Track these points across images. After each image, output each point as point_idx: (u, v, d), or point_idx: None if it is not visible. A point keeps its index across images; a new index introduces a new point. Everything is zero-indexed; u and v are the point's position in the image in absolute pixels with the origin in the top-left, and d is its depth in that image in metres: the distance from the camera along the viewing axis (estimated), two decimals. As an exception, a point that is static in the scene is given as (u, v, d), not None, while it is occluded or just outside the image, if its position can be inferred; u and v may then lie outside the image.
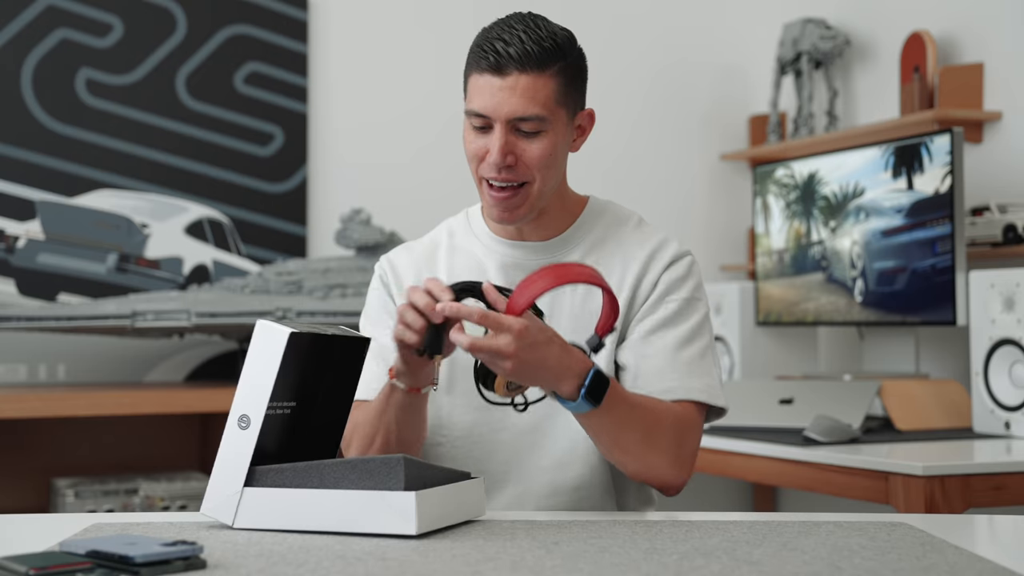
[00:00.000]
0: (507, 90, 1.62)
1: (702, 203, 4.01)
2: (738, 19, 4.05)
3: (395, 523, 1.33)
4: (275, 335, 1.41)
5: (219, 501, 1.40)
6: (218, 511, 1.40)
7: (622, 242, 1.74)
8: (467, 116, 1.67)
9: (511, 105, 1.62)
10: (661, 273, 1.71)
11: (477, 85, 1.65)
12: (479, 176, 1.68)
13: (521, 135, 1.64)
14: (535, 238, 1.74)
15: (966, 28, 3.19)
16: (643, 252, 1.73)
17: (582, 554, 1.26)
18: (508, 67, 1.61)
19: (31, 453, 3.28)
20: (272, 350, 1.41)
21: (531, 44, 1.62)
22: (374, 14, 3.72)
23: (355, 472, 1.36)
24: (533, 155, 1.64)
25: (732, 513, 1.58)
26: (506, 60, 1.61)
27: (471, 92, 1.66)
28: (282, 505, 1.38)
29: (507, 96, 1.62)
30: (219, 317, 3.19)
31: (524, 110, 1.62)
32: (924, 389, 2.87)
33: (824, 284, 3.22)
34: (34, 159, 3.36)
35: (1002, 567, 1.19)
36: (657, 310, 1.70)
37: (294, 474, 1.39)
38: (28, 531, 1.46)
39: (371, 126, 3.70)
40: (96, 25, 3.43)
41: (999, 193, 3.04)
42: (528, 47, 1.62)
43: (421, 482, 1.36)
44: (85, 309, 3.18)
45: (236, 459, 1.40)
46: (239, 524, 1.40)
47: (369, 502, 1.34)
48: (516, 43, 1.62)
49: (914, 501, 2.27)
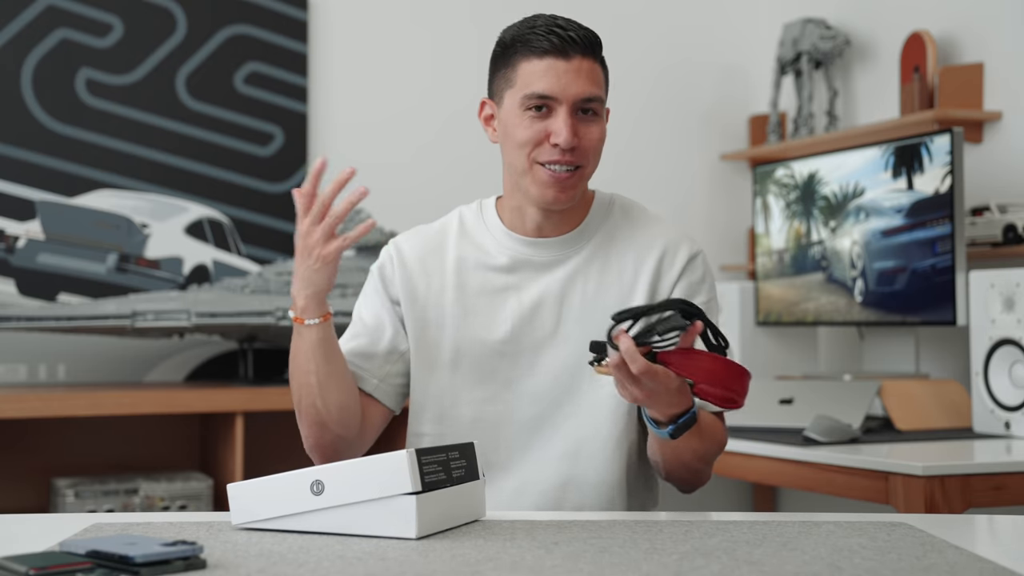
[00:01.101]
0: (573, 72, 1.65)
1: (702, 203, 4.01)
2: (738, 19, 4.05)
3: (396, 527, 1.33)
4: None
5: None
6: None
7: (633, 236, 1.75)
8: (523, 101, 1.66)
9: (579, 86, 1.65)
10: (678, 278, 1.73)
11: (536, 69, 1.65)
12: (531, 160, 1.68)
13: (582, 118, 1.67)
14: (552, 233, 1.74)
15: (966, 28, 3.19)
16: (655, 251, 1.74)
17: (582, 554, 1.26)
18: (572, 50, 1.65)
19: (31, 453, 3.28)
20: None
21: (586, 31, 1.67)
22: (374, 14, 3.72)
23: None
24: (592, 138, 1.68)
25: (732, 513, 1.58)
26: (570, 43, 1.65)
27: (528, 77, 1.66)
28: (278, 504, 1.39)
29: (574, 77, 1.65)
30: (219, 317, 3.19)
31: (590, 91, 1.66)
32: (924, 389, 2.87)
33: (824, 284, 3.22)
34: (34, 159, 3.36)
35: (1002, 567, 1.19)
36: None
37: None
38: (28, 531, 1.46)
39: (371, 125, 3.70)
40: (96, 25, 3.43)
41: (999, 193, 3.04)
42: (585, 32, 1.67)
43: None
44: (85, 309, 3.18)
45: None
46: (236, 521, 1.41)
47: (370, 506, 1.34)
48: (574, 28, 1.66)
49: (914, 501, 2.27)
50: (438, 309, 1.74)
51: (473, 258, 1.75)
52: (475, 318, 1.72)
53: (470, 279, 1.74)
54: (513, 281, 1.73)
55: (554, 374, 1.70)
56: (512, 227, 1.75)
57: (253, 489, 1.41)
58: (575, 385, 1.70)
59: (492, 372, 1.71)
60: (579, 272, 1.73)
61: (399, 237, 1.83)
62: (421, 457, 1.35)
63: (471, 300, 1.73)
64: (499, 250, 1.75)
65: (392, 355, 1.75)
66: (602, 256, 1.73)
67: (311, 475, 1.37)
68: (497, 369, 1.71)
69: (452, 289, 1.74)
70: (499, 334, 1.71)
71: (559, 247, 1.74)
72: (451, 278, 1.75)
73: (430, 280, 1.76)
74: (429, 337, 1.74)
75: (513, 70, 1.67)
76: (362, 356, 1.76)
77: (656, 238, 1.75)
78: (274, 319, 3.21)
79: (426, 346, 1.74)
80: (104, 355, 3.40)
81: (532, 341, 1.71)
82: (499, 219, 1.77)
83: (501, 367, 1.71)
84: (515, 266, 1.74)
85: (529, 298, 1.72)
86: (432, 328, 1.74)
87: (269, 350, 3.54)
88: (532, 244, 1.74)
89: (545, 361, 1.70)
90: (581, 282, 1.72)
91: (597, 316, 1.69)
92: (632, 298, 1.71)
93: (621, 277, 1.72)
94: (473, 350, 1.72)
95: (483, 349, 1.71)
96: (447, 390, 1.73)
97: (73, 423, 3.28)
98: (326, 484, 1.36)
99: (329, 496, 1.36)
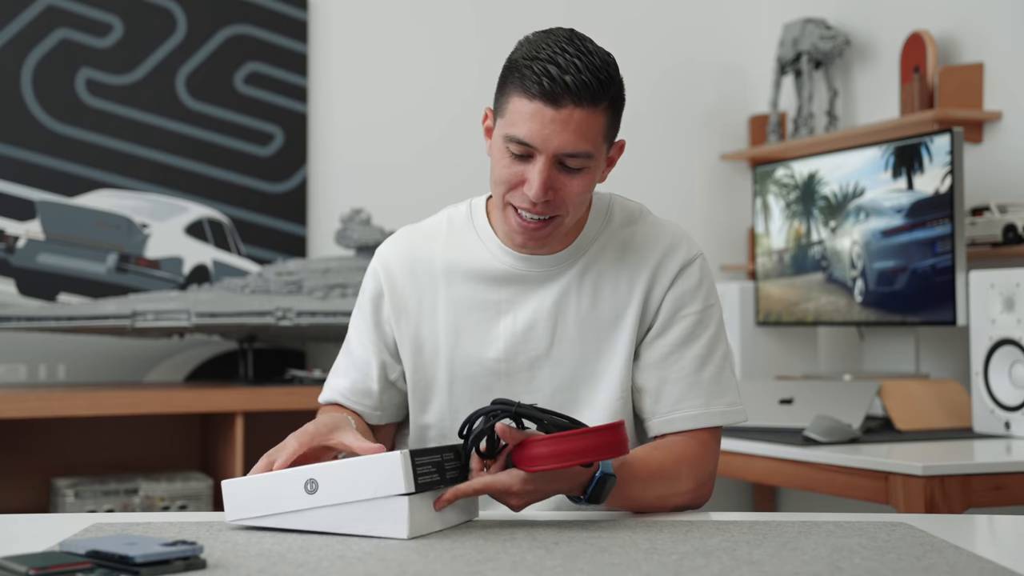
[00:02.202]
0: (559, 123, 1.50)
1: (702, 203, 4.01)
2: (738, 19, 4.05)
3: (388, 527, 1.34)
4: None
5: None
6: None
7: (630, 245, 1.68)
8: (506, 139, 1.54)
9: (562, 140, 1.51)
10: (669, 287, 1.67)
11: (524, 111, 1.51)
12: (505, 201, 1.58)
13: (563, 170, 1.54)
14: (543, 252, 1.67)
15: (966, 28, 3.19)
16: (652, 259, 1.67)
17: (582, 554, 1.26)
18: (563, 98, 1.49)
19: (31, 453, 3.28)
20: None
21: (588, 75, 1.49)
22: (374, 14, 3.72)
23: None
24: (572, 191, 1.55)
25: (732, 513, 1.58)
26: (562, 91, 1.49)
27: (514, 116, 1.53)
28: (272, 502, 1.39)
29: (559, 129, 1.50)
30: (219, 317, 3.19)
31: (575, 146, 1.52)
32: (924, 389, 2.87)
33: (824, 284, 3.22)
34: (34, 159, 3.36)
35: (1002, 567, 1.19)
36: (672, 328, 1.66)
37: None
38: (28, 531, 1.46)
39: (371, 126, 3.70)
40: (96, 25, 3.43)
41: (999, 193, 3.04)
42: (586, 78, 1.49)
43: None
44: (85, 309, 3.17)
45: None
46: (230, 518, 1.42)
47: (363, 506, 1.34)
48: (572, 71, 1.49)
49: (914, 501, 2.27)
50: (431, 326, 1.70)
51: (463, 267, 1.69)
52: (469, 338, 1.68)
53: (461, 291, 1.69)
54: (505, 296, 1.68)
55: (550, 391, 1.67)
56: (503, 237, 1.68)
57: (247, 486, 1.41)
58: (572, 401, 1.67)
59: (488, 391, 1.68)
60: (572, 287, 1.67)
61: (385, 248, 1.76)
62: (415, 458, 1.35)
63: (463, 316, 1.69)
64: (490, 261, 1.69)
65: (384, 384, 1.73)
66: (597, 270, 1.67)
67: (305, 474, 1.38)
68: (493, 388, 1.68)
69: (444, 303, 1.70)
70: (493, 353, 1.67)
71: (552, 263, 1.67)
72: (442, 290, 1.70)
73: (421, 297, 1.71)
74: (424, 358, 1.71)
75: (506, 100, 1.55)
76: (360, 393, 1.73)
77: (653, 246, 1.68)
78: (274, 319, 3.21)
79: (422, 367, 1.71)
80: (104, 355, 3.40)
81: (527, 360, 1.67)
82: (490, 226, 1.70)
83: (497, 386, 1.68)
84: (507, 280, 1.68)
85: (523, 315, 1.67)
86: (427, 350, 1.70)
87: (269, 350, 3.55)
88: (525, 260, 1.67)
89: (541, 379, 1.67)
90: (575, 298, 1.67)
91: (590, 332, 1.66)
92: (626, 312, 1.66)
93: (616, 291, 1.67)
94: (468, 371, 1.68)
95: (478, 369, 1.68)
96: (446, 414, 1.70)
97: (73, 423, 3.28)
98: (320, 483, 1.37)
99: (323, 495, 1.36)
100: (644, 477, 1.55)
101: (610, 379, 1.66)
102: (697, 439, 1.64)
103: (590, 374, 1.67)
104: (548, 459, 1.39)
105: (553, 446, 1.39)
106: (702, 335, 1.67)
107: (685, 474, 1.60)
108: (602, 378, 1.66)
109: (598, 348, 1.67)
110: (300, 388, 3.12)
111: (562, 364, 1.67)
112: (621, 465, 1.50)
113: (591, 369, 1.67)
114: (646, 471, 1.55)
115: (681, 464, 1.60)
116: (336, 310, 3.23)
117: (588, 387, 1.67)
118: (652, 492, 1.56)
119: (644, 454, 1.59)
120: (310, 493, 1.37)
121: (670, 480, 1.58)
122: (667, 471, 1.58)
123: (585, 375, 1.67)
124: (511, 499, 1.44)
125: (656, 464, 1.58)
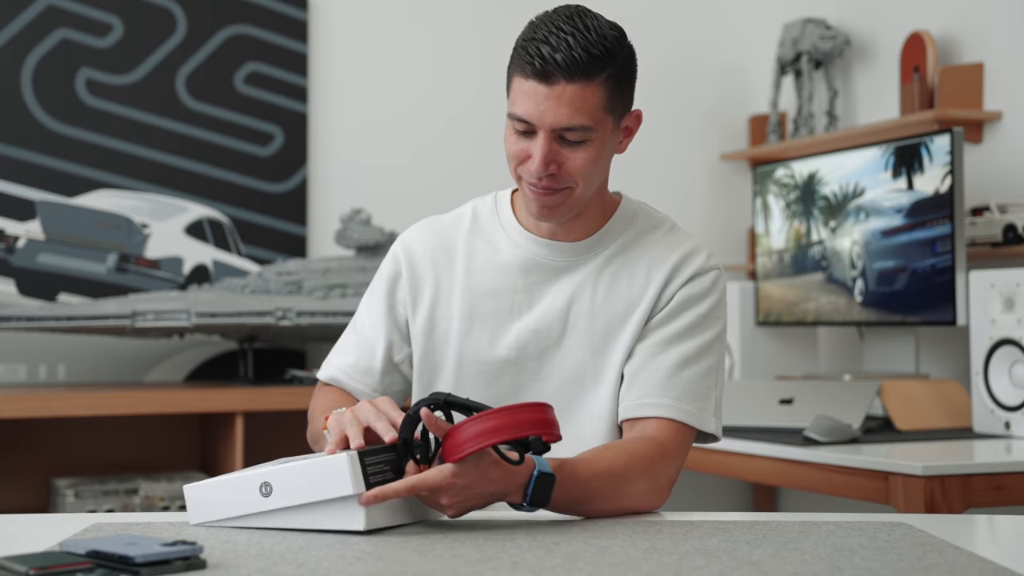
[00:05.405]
0: (553, 99, 1.54)
1: (702, 203, 4.01)
2: (738, 19, 4.05)
3: (345, 523, 1.35)
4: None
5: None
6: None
7: (651, 246, 1.70)
8: (510, 118, 1.59)
9: (556, 115, 1.55)
10: (682, 286, 1.68)
11: (522, 89, 1.57)
12: (518, 175, 1.63)
13: (565, 143, 1.57)
14: (566, 239, 1.70)
15: (966, 28, 3.19)
16: (670, 260, 1.69)
17: (582, 554, 1.26)
18: (555, 75, 1.53)
19: (31, 453, 3.28)
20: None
21: (579, 51, 1.53)
22: (374, 14, 3.72)
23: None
24: (576, 164, 1.58)
25: (732, 513, 1.58)
26: (552, 68, 1.53)
27: (515, 95, 1.58)
28: (231, 506, 1.41)
29: (553, 105, 1.54)
30: (219, 317, 3.19)
31: (570, 120, 1.55)
32: (924, 389, 2.87)
33: (824, 284, 3.22)
34: (34, 159, 3.36)
35: (1002, 567, 1.19)
36: (670, 323, 1.67)
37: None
38: (28, 531, 1.46)
39: (371, 126, 3.70)
40: (96, 25, 3.43)
41: (999, 193, 3.04)
42: (576, 54, 1.53)
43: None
44: (85, 309, 3.18)
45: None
46: (194, 520, 1.43)
47: (317, 507, 1.36)
48: (563, 49, 1.53)
49: (914, 501, 2.27)
50: (446, 311, 1.72)
51: (484, 256, 1.72)
52: (482, 325, 1.70)
53: (480, 279, 1.71)
54: (523, 285, 1.70)
55: (558, 381, 1.68)
56: (527, 225, 1.72)
57: (207, 490, 1.43)
58: (578, 392, 1.68)
59: (497, 378, 1.69)
60: (590, 279, 1.69)
61: (409, 233, 1.79)
62: (364, 458, 1.36)
63: (479, 303, 1.70)
64: (513, 249, 1.71)
65: (388, 366, 1.74)
66: (616, 264, 1.69)
67: (259, 477, 1.39)
68: (502, 375, 1.69)
69: (460, 290, 1.71)
70: (504, 341, 1.69)
71: (574, 252, 1.70)
72: (460, 277, 1.72)
73: (439, 280, 1.73)
74: (435, 341, 1.72)
75: (510, 80, 1.60)
76: (362, 371, 1.75)
77: (675, 248, 1.70)
78: (274, 319, 3.21)
79: (431, 351, 1.72)
80: (104, 355, 3.40)
81: (537, 349, 1.68)
82: (514, 215, 1.73)
83: (507, 373, 1.69)
84: (528, 267, 1.70)
85: (538, 304, 1.69)
86: (438, 334, 1.72)
87: (269, 350, 3.55)
88: (547, 246, 1.70)
89: (550, 369, 1.68)
90: (590, 290, 1.68)
91: (601, 325, 1.67)
92: (638, 307, 1.67)
93: (631, 287, 1.68)
94: (477, 357, 1.70)
95: (488, 357, 1.69)
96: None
97: (73, 423, 3.28)
98: (273, 486, 1.38)
99: (276, 498, 1.38)
100: (587, 476, 1.49)
101: (615, 373, 1.66)
102: (656, 440, 1.60)
103: (597, 367, 1.67)
104: (470, 441, 1.35)
105: (473, 427, 1.35)
106: (695, 338, 1.67)
107: (637, 473, 1.54)
108: (607, 372, 1.67)
109: (607, 341, 1.67)
110: (300, 388, 3.12)
111: (571, 355, 1.68)
112: (561, 465, 1.46)
113: (598, 362, 1.67)
114: (589, 470, 1.50)
115: (633, 463, 1.54)
116: (336, 310, 3.23)
117: (594, 380, 1.67)
118: (597, 492, 1.50)
119: (591, 454, 1.54)
120: (265, 496, 1.39)
121: (618, 479, 1.52)
122: (615, 470, 1.52)
123: (592, 368, 1.67)
124: (442, 498, 1.38)
125: (603, 463, 1.52)
